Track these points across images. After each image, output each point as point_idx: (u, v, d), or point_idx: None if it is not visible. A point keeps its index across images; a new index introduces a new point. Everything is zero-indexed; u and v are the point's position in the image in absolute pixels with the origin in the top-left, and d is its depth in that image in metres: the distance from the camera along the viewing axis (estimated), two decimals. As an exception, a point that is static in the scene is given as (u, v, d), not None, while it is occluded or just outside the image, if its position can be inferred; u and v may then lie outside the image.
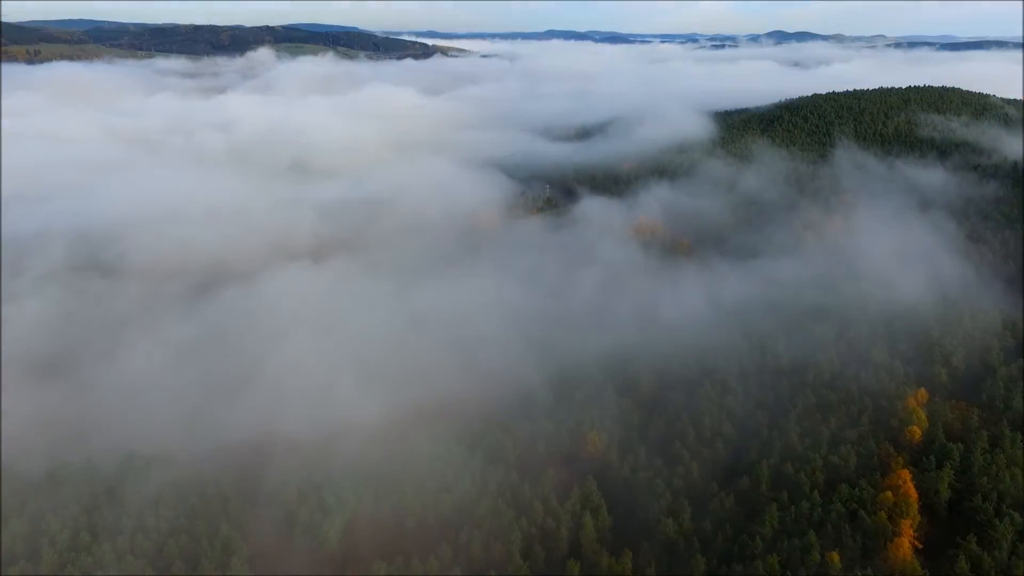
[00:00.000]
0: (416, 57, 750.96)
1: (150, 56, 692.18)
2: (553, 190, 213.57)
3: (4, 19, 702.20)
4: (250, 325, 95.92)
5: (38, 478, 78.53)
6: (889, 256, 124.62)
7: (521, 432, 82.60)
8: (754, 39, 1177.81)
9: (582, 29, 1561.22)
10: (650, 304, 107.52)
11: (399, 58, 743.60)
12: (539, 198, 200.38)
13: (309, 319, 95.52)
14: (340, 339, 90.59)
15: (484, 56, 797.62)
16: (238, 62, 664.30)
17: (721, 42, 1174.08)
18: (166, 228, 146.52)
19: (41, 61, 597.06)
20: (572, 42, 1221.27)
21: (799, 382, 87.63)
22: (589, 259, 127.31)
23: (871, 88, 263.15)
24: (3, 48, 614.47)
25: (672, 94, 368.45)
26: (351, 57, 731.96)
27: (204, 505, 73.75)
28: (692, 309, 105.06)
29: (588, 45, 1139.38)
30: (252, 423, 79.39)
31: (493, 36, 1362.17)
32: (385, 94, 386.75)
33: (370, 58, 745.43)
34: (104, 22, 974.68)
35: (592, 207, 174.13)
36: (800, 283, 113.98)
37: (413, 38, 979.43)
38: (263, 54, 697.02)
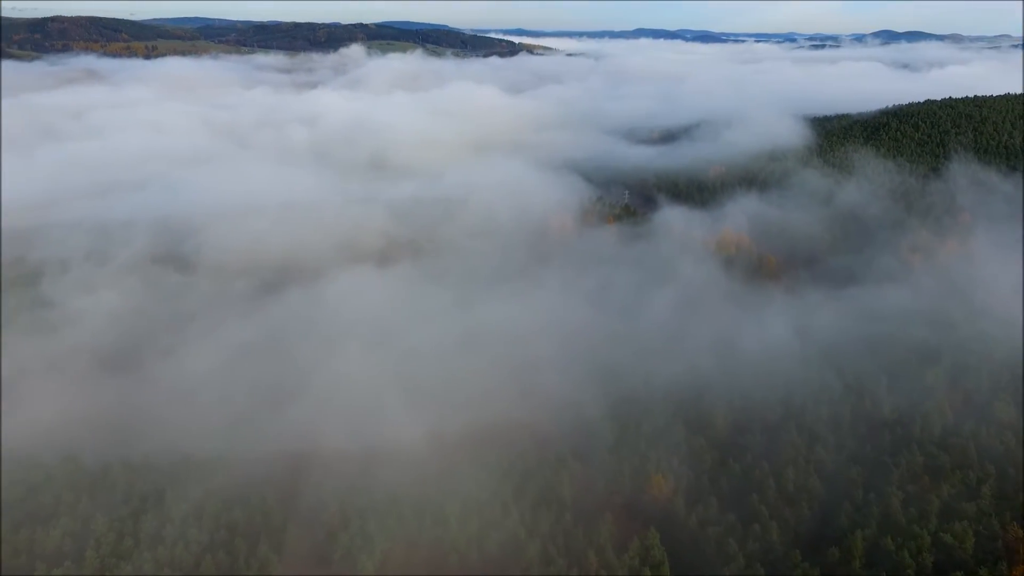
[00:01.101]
0: (502, 55, 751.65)
1: (252, 52, 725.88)
2: (632, 196, 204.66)
3: (130, 17, 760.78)
4: (305, 331, 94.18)
5: (96, 472, 79.39)
6: (1015, 290, 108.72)
7: (578, 468, 76.06)
8: (859, 39, 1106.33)
9: (672, 28, 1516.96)
10: (730, 331, 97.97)
11: (485, 56, 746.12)
12: (616, 204, 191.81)
13: (364, 328, 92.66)
14: (392, 353, 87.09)
15: (570, 55, 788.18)
16: (331, 58, 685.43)
17: (821, 42, 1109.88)
18: (243, 223, 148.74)
19: (157, 56, 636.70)
20: (661, 41, 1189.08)
21: (903, 436, 76.35)
22: (665, 276, 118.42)
23: (995, 94, 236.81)
24: (127, 44, 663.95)
25: (765, 96, 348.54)
26: (438, 54, 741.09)
27: (246, 519, 71.69)
28: (778, 340, 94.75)
29: (678, 44, 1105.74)
30: (298, 435, 76.88)
31: (580, 34, 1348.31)
32: (467, 92, 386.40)
33: (456, 55, 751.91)
34: (215, 20, 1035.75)
35: (672, 217, 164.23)
36: (906, 317, 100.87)
37: (501, 36, 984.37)
38: (355, 51, 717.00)
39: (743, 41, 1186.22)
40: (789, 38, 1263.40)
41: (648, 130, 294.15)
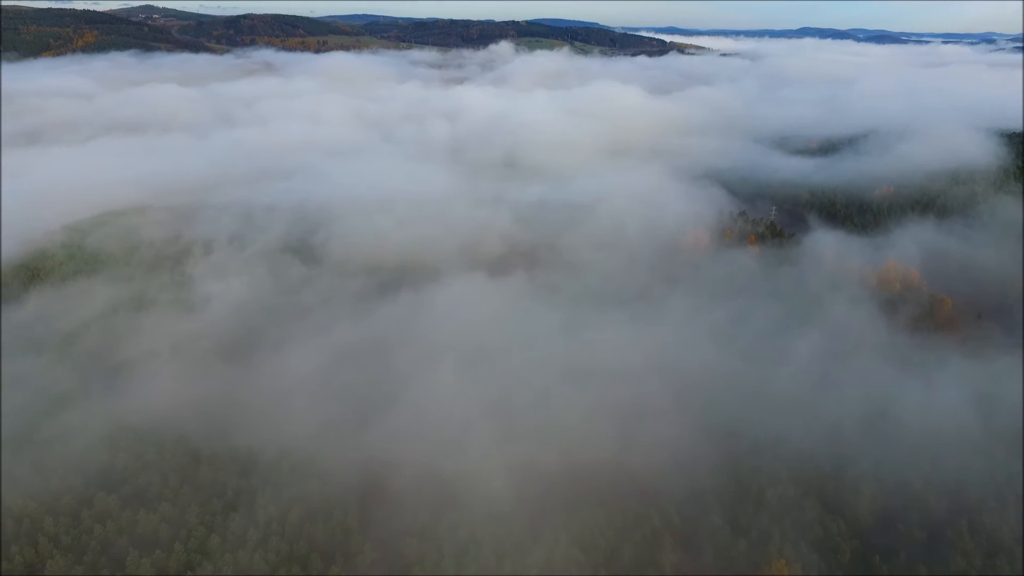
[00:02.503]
0: (650, 54, 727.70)
1: (409, 47, 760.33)
2: (779, 214, 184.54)
3: (309, 14, 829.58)
4: (408, 339, 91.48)
5: (203, 458, 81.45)
6: None
7: (684, 535, 66.22)
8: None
9: (843, 27, 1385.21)
10: (887, 392, 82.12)
11: (633, 55, 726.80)
12: (761, 222, 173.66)
13: (465, 343, 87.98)
14: (490, 374, 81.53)
15: (723, 54, 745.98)
16: (480, 54, 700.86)
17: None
18: (372, 218, 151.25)
19: (325, 51, 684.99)
20: (829, 41, 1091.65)
21: None
22: (811, 314, 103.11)
23: None
24: (302, 39, 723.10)
25: (950, 106, 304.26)
26: (585, 52, 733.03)
27: (326, 534, 69.73)
28: (950, 411, 77.68)
29: (848, 45, 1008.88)
30: (385, 448, 73.79)
31: (738, 33, 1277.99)
32: (609, 91, 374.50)
33: (604, 54, 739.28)
34: (381, 16, 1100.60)
35: (825, 241, 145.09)
36: None
37: (652, 34, 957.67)
38: (503, 47, 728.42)
39: (927, 42, 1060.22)
40: (986, 39, 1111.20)
41: (805, 139, 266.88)
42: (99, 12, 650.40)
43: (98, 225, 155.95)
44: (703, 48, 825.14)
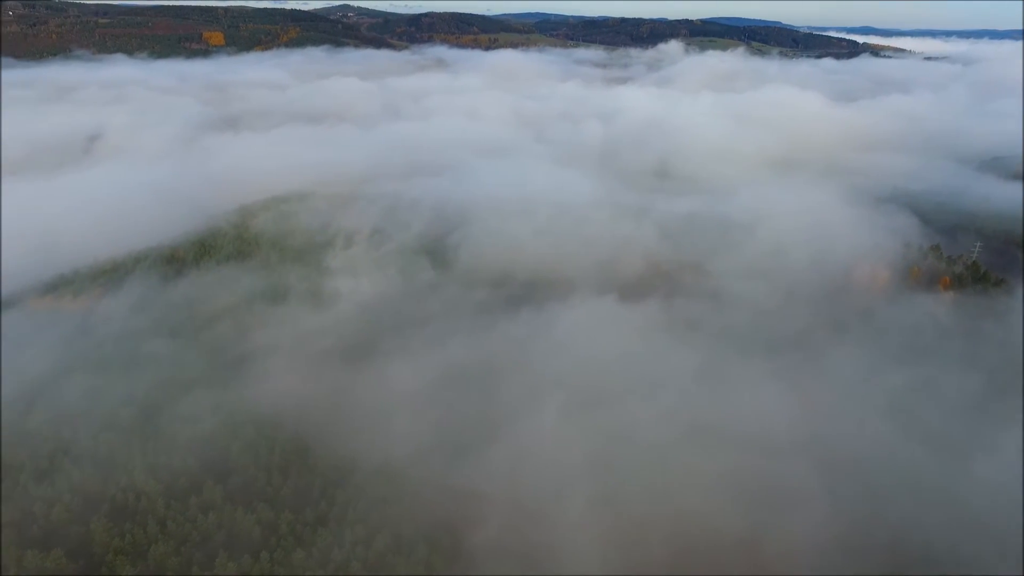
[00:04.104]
0: (838, 56, 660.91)
1: (576, 46, 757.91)
2: (986, 253, 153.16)
3: (486, 12, 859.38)
4: (520, 367, 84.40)
5: (308, 460, 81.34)
6: None
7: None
8: None
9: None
10: None
11: (817, 56, 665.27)
12: (960, 261, 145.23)
13: (579, 381, 79.29)
14: (600, 423, 72.15)
15: (928, 58, 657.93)
16: (648, 54, 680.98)
17: None
18: (508, 223, 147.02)
19: (495, 48, 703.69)
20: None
21: None
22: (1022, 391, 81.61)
23: None
24: (474, 36, 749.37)
25: None
26: (763, 54, 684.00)
27: (408, 568, 65.54)
28: None
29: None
30: (473, 489, 67.85)
31: (948, 34, 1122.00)
32: (783, 97, 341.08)
33: (783, 55, 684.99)
34: (553, 15, 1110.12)
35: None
36: None
37: (843, 35, 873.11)
38: (672, 47, 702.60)
39: None
40: None
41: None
42: (304, 11, 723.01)
43: (264, 209, 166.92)
44: (902, 50, 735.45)
